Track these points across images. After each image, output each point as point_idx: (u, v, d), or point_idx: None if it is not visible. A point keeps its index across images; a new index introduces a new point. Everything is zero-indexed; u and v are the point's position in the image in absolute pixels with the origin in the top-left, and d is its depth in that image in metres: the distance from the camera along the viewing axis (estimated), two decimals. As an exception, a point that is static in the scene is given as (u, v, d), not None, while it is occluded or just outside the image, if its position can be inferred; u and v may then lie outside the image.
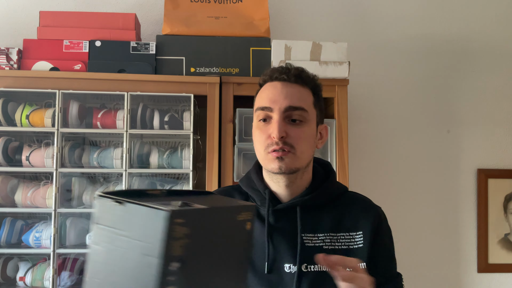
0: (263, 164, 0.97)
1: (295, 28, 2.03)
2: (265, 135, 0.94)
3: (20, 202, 1.62)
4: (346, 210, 1.00)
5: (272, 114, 0.94)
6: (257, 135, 0.96)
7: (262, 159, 0.97)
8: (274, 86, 0.97)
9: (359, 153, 1.98)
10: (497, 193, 2.05)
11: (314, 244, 0.95)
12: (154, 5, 1.98)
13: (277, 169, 0.93)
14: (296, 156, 0.93)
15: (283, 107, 0.93)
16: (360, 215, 1.00)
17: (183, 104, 1.71)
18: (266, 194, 0.98)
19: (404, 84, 2.07)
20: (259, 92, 1.01)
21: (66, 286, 1.60)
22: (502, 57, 2.12)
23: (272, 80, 0.98)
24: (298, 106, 0.94)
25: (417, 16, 2.10)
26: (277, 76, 0.97)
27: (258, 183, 1.00)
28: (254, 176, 1.02)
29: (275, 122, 0.93)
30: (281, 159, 0.93)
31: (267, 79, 0.99)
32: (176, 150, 1.68)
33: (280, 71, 0.97)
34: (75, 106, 1.64)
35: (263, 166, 0.99)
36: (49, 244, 1.56)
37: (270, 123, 0.95)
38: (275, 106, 0.94)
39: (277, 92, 0.95)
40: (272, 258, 0.94)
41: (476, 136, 2.09)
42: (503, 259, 2.05)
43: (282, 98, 0.94)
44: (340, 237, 0.97)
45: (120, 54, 1.67)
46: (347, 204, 1.02)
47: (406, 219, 2.01)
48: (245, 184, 1.03)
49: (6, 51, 1.62)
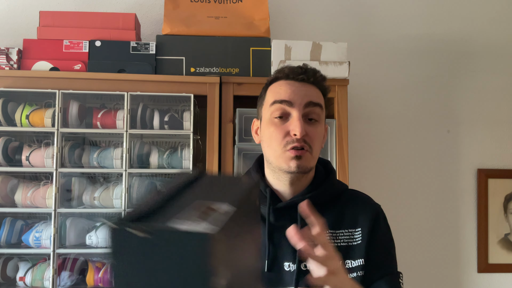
0: (277, 162, 0.94)
1: (295, 28, 2.03)
2: (283, 132, 0.93)
3: (20, 202, 1.62)
4: (346, 208, 1.00)
5: (292, 110, 0.93)
6: (273, 132, 0.94)
7: (277, 157, 0.94)
8: (292, 84, 0.96)
9: (359, 153, 1.98)
10: (497, 193, 2.05)
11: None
12: (154, 5, 1.98)
13: (295, 168, 0.92)
14: (312, 156, 0.94)
15: (304, 102, 0.93)
16: (360, 212, 1.00)
17: (183, 104, 1.71)
18: (267, 193, 0.97)
19: (404, 84, 2.07)
20: (270, 88, 0.99)
21: (66, 286, 1.60)
22: (502, 57, 2.12)
23: (288, 79, 0.97)
24: (317, 102, 0.95)
25: (417, 16, 2.10)
26: (295, 76, 0.96)
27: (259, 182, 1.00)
28: (255, 174, 1.02)
29: (296, 119, 0.92)
30: (299, 158, 0.92)
31: (282, 76, 0.98)
32: (176, 150, 1.68)
33: (298, 72, 0.97)
34: (75, 106, 1.64)
35: (274, 165, 0.96)
36: (49, 244, 1.56)
37: (288, 120, 0.94)
38: (296, 100, 0.93)
39: (296, 88, 0.95)
40: (272, 257, 0.94)
41: (476, 136, 2.09)
42: (503, 259, 2.05)
43: (303, 94, 0.94)
44: (339, 234, 0.97)
45: (120, 54, 1.67)
46: (347, 202, 1.02)
47: (406, 219, 2.01)
48: None
49: (6, 51, 1.61)
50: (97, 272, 1.61)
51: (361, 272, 0.96)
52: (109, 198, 1.62)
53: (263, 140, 0.98)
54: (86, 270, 1.62)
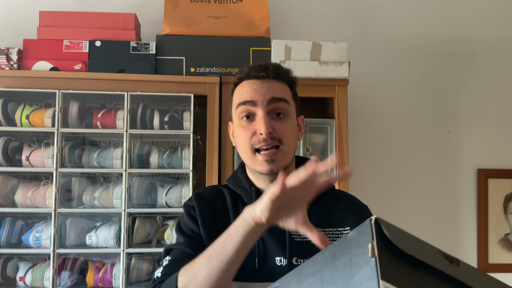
0: (250, 165, 0.97)
1: (295, 28, 2.03)
2: (250, 132, 0.94)
3: (20, 202, 1.62)
4: (334, 206, 1.01)
5: (256, 109, 0.94)
6: (241, 134, 0.95)
7: (248, 160, 0.96)
8: (253, 82, 0.96)
9: (359, 153, 1.98)
10: (497, 193, 2.05)
11: (303, 239, 0.95)
12: (154, 5, 1.98)
13: (268, 171, 0.93)
14: (283, 152, 0.94)
15: (267, 99, 0.93)
16: (348, 212, 1.01)
17: (183, 104, 1.71)
18: (253, 191, 0.98)
19: (404, 84, 2.07)
20: (236, 90, 1.00)
21: (66, 286, 1.60)
22: (502, 57, 2.12)
23: (250, 78, 0.97)
24: (281, 97, 0.95)
25: (417, 16, 2.10)
26: (255, 74, 0.96)
27: (244, 181, 1.01)
28: (240, 174, 1.03)
29: (260, 118, 0.92)
30: (271, 161, 0.93)
31: (244, 77, 0.99)
32: (176, 150, 1.68)
33: (257, 69, 0.97)
34: (75, 106, 1.64)
35: (249, 167, 0.99)
36: (49, 244, 1.56)
37: (254, 120, 0.94)
38: (258, 98, 0.93)
39: (257, 87, 0.95)
40: (263, 254, 0.95)
41: (476, 136, 2.09)
42: (503, 259, 2.05)
43: (264, 92, 0.94)
44: (327, 232, 0.97)
45: (120, 54, 1.67)
46: (335, 201, 1.02)
47: (406, 219, 2.01)
48: (231, 183, 1.04)
49: (6, 51, 1.61)
50: (97, 272, 1.61)
51: None
52: (109, 198, 1.62)
53: (237, 143, 0.99)
54: (86, 270, 1.62)
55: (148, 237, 1.66)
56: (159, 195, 1.65)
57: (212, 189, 1.07)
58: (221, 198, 1.02)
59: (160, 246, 1.63)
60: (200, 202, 1.00)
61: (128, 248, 1.57)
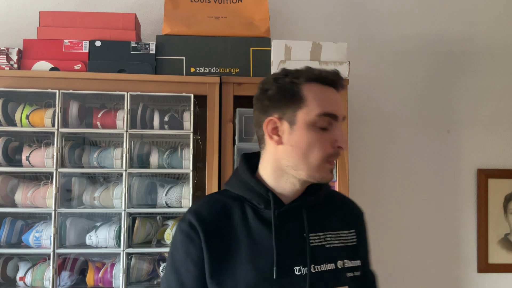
0: (310, 171, 0.91)
1: (295, 28, 2.03)
2: (328, 142, 0.91)
3: (20, 202, 1.62)
4: (339, 209, 1.04)
5: (335, 123, 0.93)
6: (317, 142, 0.90)
7: (314, 167, 0.91)
8: (331, 92, 0.94)
9: (359, 153, 1.98)
10: (497, 193, 2.05)
11: (318, 243, 0.95)
12: (154, 5, 1.98)
13: (329, 179, 0.94)
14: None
15: (342, 116, 0.94)
16: (352, 214, 1.05)
17: (183, 104, 1.71)
18: (270, 197, 0.94)
19: (404, 84, 2.07)
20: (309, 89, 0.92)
21: (66, 286, 1.60)
22: (502, 58, 2.13)
23: (324, 84, 0.93)
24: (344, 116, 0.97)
25: (417, 16, 2.10)
26: (330, 82, 0.94)
27: (258, 186, 0.95)
28: (249, 178, 0.97)
29: (340, 131, 0.92)
30: (331, 171, 0.95)
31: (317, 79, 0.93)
32: (176, 150, 1.68)
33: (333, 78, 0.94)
34: (75, 106, 1.64)
35: (304, 172, 0.92)
36: (49, 244, 1.56)
37: (330, 130, 0.92)
38: (339, 115, 0.93)
39: (337, 100, 0.94)
40: (282, 262, 0.91)
41: (476, 136, 2.09)
42: (503, 259, 2.05)
43: (342, 107, 0.94)
44: (338, 234, 0.99)
45: (120, 54, 1.67)
46: (338, 203, 1.06)
47: (406, 219, 2.01)
48: (239, 188, 0.97)
49: (6, 51, 1.62)
50: (97, 272, 1.61)
51: (357, 272, 0.98)
52: (109, 198, 1.62)
53: (294, 145, 0.91)
54: (86, 270, 1.62)
55: (148, 237, 1.66)
56: (159, 195, 1.65)
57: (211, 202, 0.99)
58: (226, 213, 0.96)
59: (160, 246, 1.63)
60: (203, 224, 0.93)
61: (128, 248, 1.57)
